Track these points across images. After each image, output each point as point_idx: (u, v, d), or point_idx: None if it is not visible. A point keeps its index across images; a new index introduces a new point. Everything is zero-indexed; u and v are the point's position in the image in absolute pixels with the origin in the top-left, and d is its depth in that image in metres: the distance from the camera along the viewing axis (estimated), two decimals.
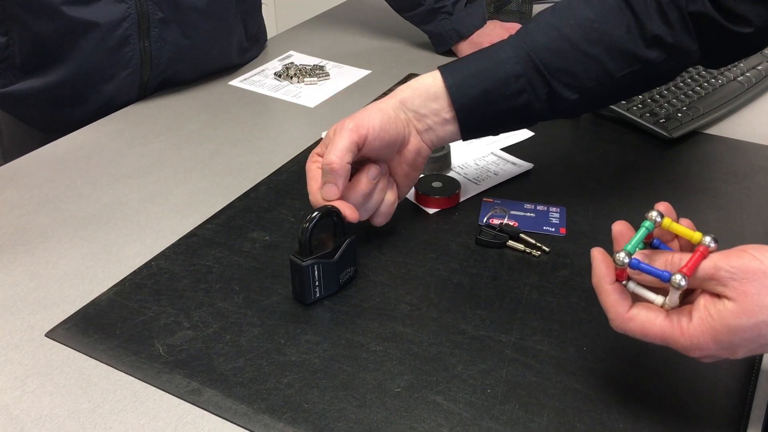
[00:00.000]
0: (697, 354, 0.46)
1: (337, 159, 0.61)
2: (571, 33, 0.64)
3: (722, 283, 0.45)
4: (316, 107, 0.95)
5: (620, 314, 0.48)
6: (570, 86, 0.65)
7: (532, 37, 0.65)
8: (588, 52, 0.64)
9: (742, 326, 0.44)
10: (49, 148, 0.86)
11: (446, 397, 0.52)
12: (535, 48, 0.64)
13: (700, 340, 0.45)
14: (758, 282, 0.44)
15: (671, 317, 0.47)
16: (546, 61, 0.64)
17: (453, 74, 0.65)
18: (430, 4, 1.06)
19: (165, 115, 0.93)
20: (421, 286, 0.63)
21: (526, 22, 1.17)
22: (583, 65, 0.65)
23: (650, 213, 0.48)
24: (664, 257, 0.48)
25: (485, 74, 0.64)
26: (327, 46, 1.13)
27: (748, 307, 0.44)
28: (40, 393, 0.53)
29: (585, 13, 0.65)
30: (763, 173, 0.79)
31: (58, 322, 0.60)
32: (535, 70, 0.64)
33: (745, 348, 0.45)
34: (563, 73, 0.65)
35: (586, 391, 0.53)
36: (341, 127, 0.62)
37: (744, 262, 0.44)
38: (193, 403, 0.52)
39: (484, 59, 0.65)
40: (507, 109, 0.65)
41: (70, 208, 0.75)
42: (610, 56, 0.65)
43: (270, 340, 0.58)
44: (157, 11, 0.90)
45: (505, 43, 0.66)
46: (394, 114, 0.64)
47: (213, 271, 0.65)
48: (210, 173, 0.81)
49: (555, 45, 0.64)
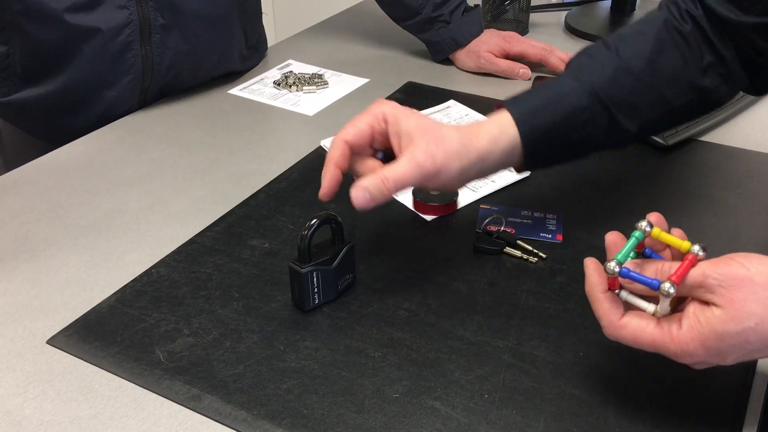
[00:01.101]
0: (687, 360, 0.47)
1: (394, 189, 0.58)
2: (630, 65, 0.64)
3: (710, 290, 0.46)
4: (314, 115, 0.96)
5: (612, 322, 0.49)
6: (631, 117, 0.65)
7: (590, 70, 0.65)
8: (650, 83, 0.64)
9: (729, 332, 0.45)
10: (50, 157, 0.87)
11: (444, 403, 0.53)
12: (596, 81, 0.64)
13: (689, 346, 0.46)
14: (745, 289, 0.45)
15: (662, 325, 0.48)
16: (609, 94, 0.64)
17: (520, 109, 0.63)
18: (427, 13, 1.07)
19: (165, 123, 0.94)
20: (419, 293, 0.64)
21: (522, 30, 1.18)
22: (644, 97, 0.65)
23: (640, 223, 0.49)
24: (654, 266, 0.49)
25: (552, 108, 0.63)
26: (325, 54, 1.14)
27: (735, 314, 0.45)
28: (41, 400, 0.54)
29: (641, 46, 0.65)
30: (758, 180, 0.80)
31: (60, 329, 0.60)
32: (599, 103, 0.64)
33: (734, 354, 0.46)
34: (625, 105, 0.64)
35: (583, 396, 0.53)
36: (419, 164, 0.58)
37: (731, 269, 0.45)
38: (193, 409, 0.53)
39: (548, 94, 0.64)
40: (571, 142, 0.65)
41: (71, 216, 0.75)
42: (670, 86, 0.65)
43: (269, 346, 0.58)
44: (158, 17, 0.90)
45: (563, 77, 0.66)
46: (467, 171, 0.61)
47: (213, 279, 0.66)
48: (210, 181, 0.81)
49: (618, 77, 0.64)
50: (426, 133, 0.59)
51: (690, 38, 0.65)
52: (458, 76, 1.08)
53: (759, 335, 0.45)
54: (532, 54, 1.07)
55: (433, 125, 0.60)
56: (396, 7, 1.10)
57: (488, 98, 1.00)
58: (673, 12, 0.66)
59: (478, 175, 0.63)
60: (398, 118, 0.60)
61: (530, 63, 1.07)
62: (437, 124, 0.61)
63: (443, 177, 0.59)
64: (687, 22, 0.65)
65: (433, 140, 0.59)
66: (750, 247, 0.68)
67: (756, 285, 0.45)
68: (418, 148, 0.58)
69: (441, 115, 0.94)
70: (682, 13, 0.66)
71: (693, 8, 0.66)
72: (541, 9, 1.32)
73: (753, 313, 0.44)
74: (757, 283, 0.45)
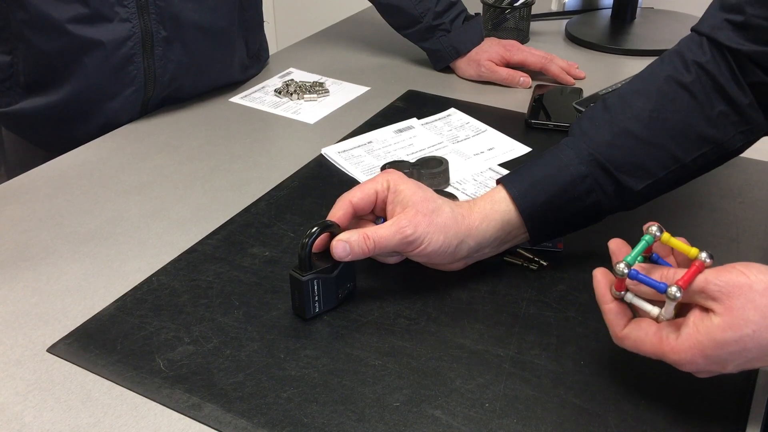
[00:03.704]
0: (688, 368, 0.48)
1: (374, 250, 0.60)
2: (630, 126, 0.63)
3: (711, 296, 0.46)
4: (315, 123, 0.96)
5: (615, 333, 0.51)
6: (638, 177, 0.63)
7: (589, 136, 0.64)
8: (653, 142, 0.63)
9: (727, 340, 0.45)
10: (51, 165, 0.87)
11: (445, 411, 0.53)
12: (596, 147, 0.63)
13: (688, 355, 0.47)
14: (744, 297, 0.45)
15: (661, 334, 0.49)
16: (611, 158, 0.62)
17: (516, 185, 0.63)
18: (428, 22, 1.07)
19: (166, 131, 0.94)
20: (420, 301, 0.64)
21: (523, 38, 1.19)
22: (650, 156, 0.63)
23: (650, 227, 0.50)
24: (660, 271, 0.50)
25: (550, 180, 0.63)
26: (326, 63, 1.15)
27: (734, 321, 0.45)
28: (41, 408, 0.54)
29: (640, 104, 0.63)
30: (759, 188, 0.80)
31: (60, 337, 0.60)
32: (601, 168, 0.63)
33: (734, 362, 0.46)
34: (630, 167, 0.63)
35: (583, 404, 0.53)
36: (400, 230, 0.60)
37: (732, 277, 0.46)
38: (193, 417, 0.53)
39: (546, 166, 0.64)
40: (576, 212, 0.64)
41: (71, 224, 0.75)
42: (676, 142, 0.63)
43: (270, 354, 0.58)
44: (161, 30, 0.91)
45: (561, 147, 0.65)
46: (456, 248, 0.62)
47: (213, 287, 0.66)
48: (210, 189, 0.81)
49: (617, 141, 0.63)
50: (418, 203, 0.61)
51: (694, 89, 0.62)
52: (459, 84, 1.08)
53: (757, 343, 0.45)
54: (533, 62, 1.07)
55: (429, 199, 0.62)
56: (397, 16, 1.10)
57: (489, 106, 1.00)
58: (676, 64, 0.64)
59: (473, 251, 0.63)
60: (399, 188, 0.62)
61: (531, 71, 1.07)
62: (434, 199, 0.62)
63: (427, 248, 0.61)
64: (691, 72, 0.63)
65: (422, 210, 0.61)
66: (750, 256, 0.69)
67: (755, 293, 0.45)
68: (405, 215, 0.61)
69: (442, 123, 0.95)
70: (687, 64, 0.63)
71: (700, 55, 0.63)
72: (542, 17, 1.32)
73: (751, 320, 0.45)
74: (755, 291, 0.45)
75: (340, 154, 0.87)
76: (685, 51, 0.64)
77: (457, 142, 0.90)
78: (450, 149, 0.89)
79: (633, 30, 1.25)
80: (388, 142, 0.90)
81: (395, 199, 0.62)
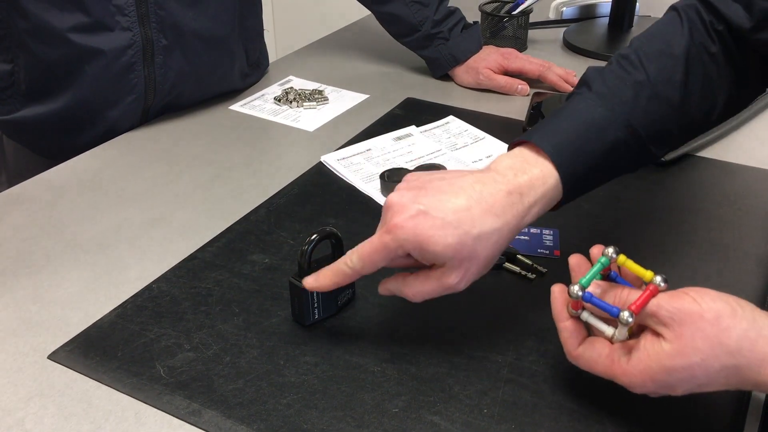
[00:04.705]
0: (639, 391, 0.49)
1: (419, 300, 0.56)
2: (664, 93, 0.60)
3: (662, 322, 0.47)
4: (315, 131, 0.97)
5: (569, 352, 0.52)
6: (662, 145, 0.61)
7: (621, 97, 0.59)
8: (681, 110, 0.60)
9: (676, 367, 0.46)
10: (52, 173, 0.87)
11: (443, 417, 0.53)
12: (631, 112, 0.59)
13: (638, 378, 0.48)
14: (694, 325, 0.45)
15: (613, 356, 0.49)
16: (645, 125, 0.59)
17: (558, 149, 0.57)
18: (426, 30, 1.08)
19: (166, 139, 0.95)
20: (419, 308, 0.64)
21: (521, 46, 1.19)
22: (676, 121, 0.61)
23: (607, 249, 0.51)
24: (614, 292, 0.50)
25: (591, 146, 0.57)
26: (326, 70, 1.15)
27: (682, 349, 0.45)
28: (42, 415, 0.54)
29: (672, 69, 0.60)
30: (755, 196, 0.80)
31: (61, 344, 0.60)
32: (635, 136, 0.59)
33: (682, 387, 0.47)
34: (659, 134, 0.60)
35: (582, 410, 0.54)
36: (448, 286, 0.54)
37: (683, 304, 0.46)
38: (193, 424, 0.53)
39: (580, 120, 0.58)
40: (607, 178, 0.61)
41: (72, 231, 0.76)
42: (698, 107, 0.61)
43: (269, 361, 0.58)
44: (161, 39, 0.91)
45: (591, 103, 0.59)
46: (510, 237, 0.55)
47: (213, 294, 0.66)
48: (210, 197, 0.82)
49: (651, 107, 0.59)
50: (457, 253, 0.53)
51: (719, 59, 0.62)
52: (457, 92, 1.09)
53: (705, 370, 0.45)
54: (531, 70, 1.08)
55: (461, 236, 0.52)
56: (395, 24, 1.11)
57: (487, 114, 1.00)
58: (696, 25, 0.62)
59: None
60: (422, 247, 0.53)
61: (529, 79, 1.08)
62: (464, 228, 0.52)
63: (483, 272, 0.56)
64: (714, 41, 0.62)
65: (466, 254, 0.53)
66: (745, 263, 0.69)
67: (705, 321, 0.45)
68: (451, 273, 0.53)
69: (440, 130, 0.95)
70: (708, 30, 0.62)
71: (716, 23, 0.62)
72: (540, 26, 1.33)
73: (699, 348, 0.45)
74: (705, 320, 0.45)
75: (339, 161, 0.88)
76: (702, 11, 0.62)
77: (455, 149, 0.91)
78: (449, 156, 0.89)
79: (630, 38, 1.25)
80: (387, 149, 0.91)
81: (425, 258, 0.54)
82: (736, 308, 0.46)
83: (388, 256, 0.54)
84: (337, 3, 1.95)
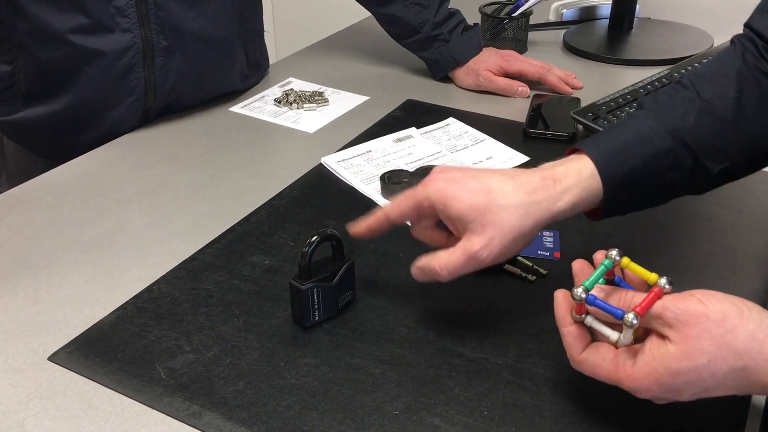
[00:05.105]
0: (644, 395, 0.48)
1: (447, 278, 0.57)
2: (714, 107, 0.60)
3: (667, 323, 0.46)
4: (315, 133, 0.97)
5: (573, 357, 0.51)
6: (717, 160, 0.60)
7: (670, 112, 0.61)
8: (735, 125, 0.60)
9: (682, 369, 0.45)
10: (52, 174, 0.87)
11: (444, 420, 0.53)
12: (679, 123, 0.60)
13: (644, 383, 0.47)
14: (699, 326, 0.45)
15: (618, 360, 0.49)
16: (694, 136, 0.59)
17: (601, 151, 0.59)
18: (427, 32, 1.08)
19: (166, 140, 0.95)
20: (419, 309, 0.64)
21: (521, 48, 1.19)
22: (730, 139, 0.61)
23: (610, 252, 0.50)
24: (618, 295, 0.50)
25: (634, 150, 0.59)
26: (326, 72, 1.15)
27: (689, 351, 0.45)
28: (42, 416, 0.54)
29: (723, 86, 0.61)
30: (755, 197, 0.80)
31: (61, 345, 0.60)
32: (684, 146, 0.59)
33: (689, 391, 0.46)
34: (711, 148, 0.60)
35: (582, 412, 0.54)
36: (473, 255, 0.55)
37: (689, 305, 0.46)
38: (193, 426, 0.53)
39: (628, 134, 0.60)
40: (653, 188, 0.60)
41: (72, 232, 0.76)
42: (756, 127, 0.61)
43: (270, 363, 0.58)
44: (161, 40, 0.91)
45: (639, 118, 0.61)
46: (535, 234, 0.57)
47: (213, 295, 0.66)
48: (210, 198, 0.82)
49: (701, 119, 0.60)
50: (480, 216, 0.55)
51: None
52: (457, 93, 1.09)
53: (711, 372, 0.45)
54: (531, 72, 1.08)
55: (487, 201, 0.55)
56: (396, 26, 1.11)
57: (487, 116, 1.01)
58: (750, 50, 0.62)
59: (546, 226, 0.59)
60: (447, 202, 0.56)
61: (529, 81, 1.08)
62: (492, 196, 0.55)
63: (508, 255, 0.57)
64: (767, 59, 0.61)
65: (489, 224, 0.55)
66: (747, 265, 0.69)
67: (711, 322, 0.45)
68: (474, 239, 0.55)
69: (440, 132, 0.95)
70: (762, 53, 0.62)
71: None
72: (540, 27, 1.33)
73: (706, 350, 0.45)
74: (712, 321, 0.45)
75: (339, 163, 0.88)
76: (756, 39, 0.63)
77: (455, 151, 0.91)
78: (449, 158, 0.89)
79: (630, 40, 1.26)
80: (388, 151, 0.91)
81: (448, 216, 0.57)
82: (743, 309, 0.45)
83: (415, 206, 0.58)
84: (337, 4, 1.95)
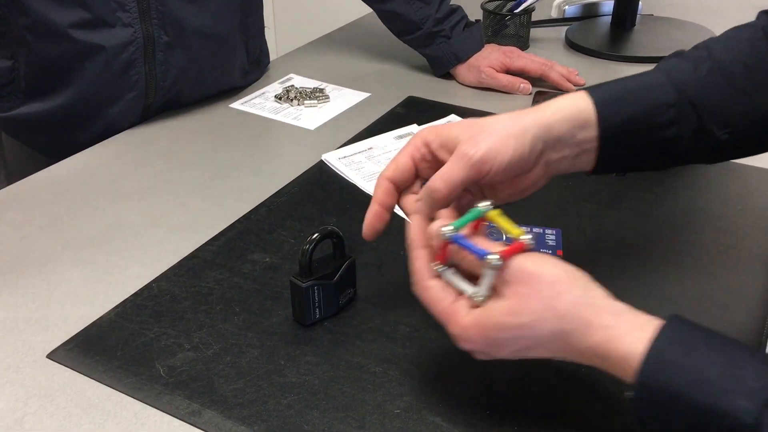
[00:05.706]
0: (466, 346, 0.49)
1: (444, 190, 0.53)
2: (725, 68, 0.58)
3: (504, 279, 0.47)
4: (316, 129, 0.96)
5: (420, 280, 0.51)
6: (722, 125, 0.58)
7: (681, 68, 0.58)
8: (744, 91, 0.58)
9: (507, 325, 0.47)
10: (51, 171, 0.87)
11: (445, 419, 0.53)
12: (687, 79, 0.58)
13: (468, 332, 0.48)
14: (531, 286, 0.46)
15: (456, 305, 0.49)
16: (701, 95, 0.57)
17: (601, 93, 0.57)
18: (428, 28, 1.07)
19: (166, 137, 0.94)
20: (420, 308, 0.63)
21: (523, 45, 1.19)
22: (737, 105, 0.58)
23: (482, 202, 0.51)
24: (483, 242, 0.50)
25: (636, 96, 0.57)
26: (327, 69, 1.15)
27: (517, 308, 0.46)
28: (41, 414, 0.54)
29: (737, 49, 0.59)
30: (758, 195, 0.80)
31: (60, 343, 0.60)
32: (689, 102, 0.57)
33: (509, 348, 0.48)
34: (716, 111, 0.57)
35: (585, 412, 0.53)
36: (463, 155, 0.53)
37: (525, 263, 0.47)
38: (193, 424, 0.53)
39: (633, 81, 0.58)
40: (652, 142, 0.58)
41: (72, 229, 0.75)
42: (766, 98, 0.58)
43: (270, 361, 0.58)
44: (162, 35, 0.91)
45: (651, 72, 0.59)
46: (530, 146, 0.54)
47: (213, 293, 0.66)
48: (211, 195, 0.82)
49: (710, 79, 0.58)
50: (469, 127, 0.55)
51: None
52: (459, 90, 1.08)
53: (533, 332, 0.46)
54: (533, 69, 1.07)
55: (476, 122, 0.55)
56: (397, 22, 1.10)
57: (489, 113, 1.00)
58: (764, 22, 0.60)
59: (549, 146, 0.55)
60: (440, 133, 0.56)
61: (531, 78, 1.07)
62: (482, 120, 0.55)
63: (504, 158, 0.53)
64: None
65: (474, 128, 0.54)
66: (750, 263, 0.69)
67: (543, 283, 0.46)
68: (462, 143, 0.54)
69: None
70: None
71: None
72: (542, 24, 1.32)
73: (532, 309, 0.46)
74: (544, 282, 0.46)
75: (340, 160, 0.87)
76: None
77: None
78: None
79: (633, 37, 1.25)
80: (389, 148, 0.90)
81: (443, 143, 0.56)
82: (575, 277, 0.47)
83: (411, 148, 0.57)
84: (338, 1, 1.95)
